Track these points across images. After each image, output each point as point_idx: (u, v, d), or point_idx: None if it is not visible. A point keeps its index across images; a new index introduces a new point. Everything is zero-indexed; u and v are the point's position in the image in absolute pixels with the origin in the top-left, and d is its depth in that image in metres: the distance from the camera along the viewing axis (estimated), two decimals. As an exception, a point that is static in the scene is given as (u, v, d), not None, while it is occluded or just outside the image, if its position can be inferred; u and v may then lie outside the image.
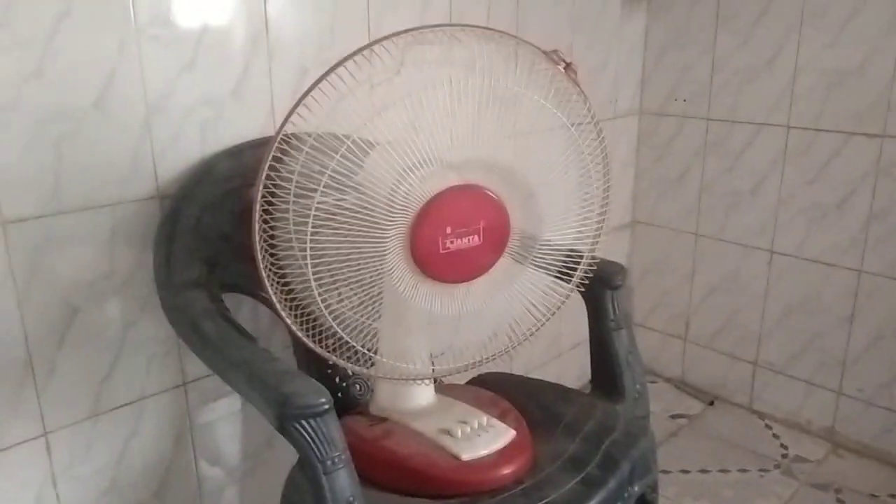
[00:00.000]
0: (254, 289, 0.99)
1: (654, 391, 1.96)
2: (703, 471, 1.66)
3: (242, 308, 1.13)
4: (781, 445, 1.76)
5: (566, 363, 1.88)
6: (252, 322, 1.16)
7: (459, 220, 0.88)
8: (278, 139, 0.79)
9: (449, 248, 0.88)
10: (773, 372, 1.84)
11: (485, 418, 0.99)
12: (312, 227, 0.81)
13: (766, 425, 1.84)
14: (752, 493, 1.59)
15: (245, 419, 1.21)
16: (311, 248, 0.82)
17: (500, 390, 1.10)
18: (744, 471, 1.66)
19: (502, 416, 1.01)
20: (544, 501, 0.90)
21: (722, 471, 1.66)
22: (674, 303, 2.01)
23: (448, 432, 0.96)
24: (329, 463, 0.77)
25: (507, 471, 0.93)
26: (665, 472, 1.64)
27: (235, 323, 0.94)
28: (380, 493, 0.91)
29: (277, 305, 0.85)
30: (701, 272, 1.93)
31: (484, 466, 0.93)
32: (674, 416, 1.89)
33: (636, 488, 1.00)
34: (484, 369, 1.07)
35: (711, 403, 1.93)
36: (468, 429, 0.97)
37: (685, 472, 1.66)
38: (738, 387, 1.91)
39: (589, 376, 1.15)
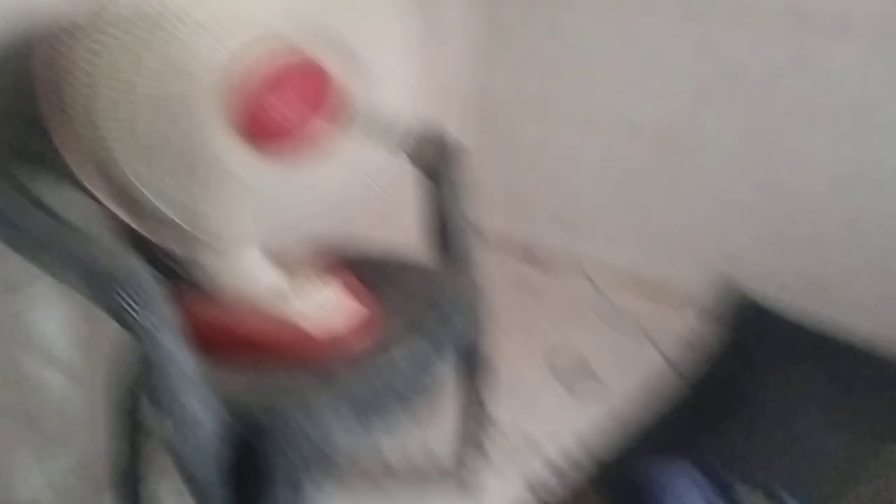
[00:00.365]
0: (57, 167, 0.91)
1: (490, 258, 2.05)
2: (536, 327, 1.80)
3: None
4: (596, 289, 1.94)
5: (402, 232, 1.92)
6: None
7: (283, 85, 0.84)
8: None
9: (271, 113, 0.85)
10: (589, 223, 1.99)
11: (327, 289, 1.01)
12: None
13: (585, 274, 2.00)
14: (569, 334, 1.75)
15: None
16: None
17: (342, 262, 1.12)
18: (564, 318, 1.82)
19: (345, 287, 1.03)
20: (390, 363, 0.95)
21: (547, 321, 1.81)
22: (515, 174, 2.08)
23: (290, 305, 0.97)
24: (156, 331, 0.75)
25: (352, 339, 0.97)
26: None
27: (36, 199, 0.87)
28: (224, 370, 0.91)
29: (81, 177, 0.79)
30: (543, 144, 2.00)
31: (328, 336, 0.96)
32: (512, 281, 2.00)
33: (466, 336, 1.10)
34: (323, 241, 1.07)
35: (542, 265, 2.06)
36: (311, 301, 0.98)
37: (522, 329, 1.79)
38: (568, 247, 2.05)
39: (426, 243, 1.19)
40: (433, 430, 1.43)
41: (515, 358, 1.66)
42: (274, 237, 1.01)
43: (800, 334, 1.67)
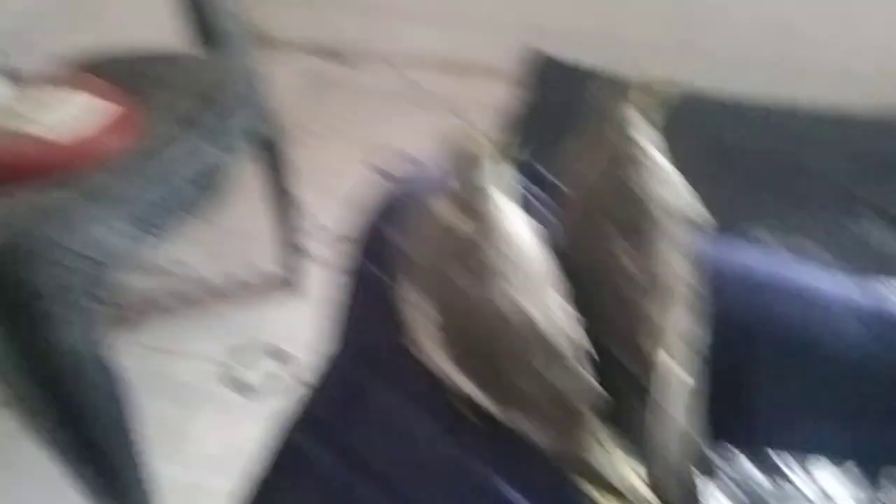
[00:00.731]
0: None
1: (287, 60, 1.92)
2: (345, 121, 1.74)
3: None
4: (409, 81, 1.88)
5: (157, 22, 1.74)
6: None
7: None
8: None
9: None
10: (392, 16, 1.89)
11: (72, 98, 0.88)
12: None
13: (394, 68, 1.92)
14: (385, 127, 1.71)
15: None
16: None
17: (88, 68, 0.98)
18: (376, 111, 1.77)
19: (96, 93, 0.91)
20: (161, 163, 0.87)
21: (357, 114, 1.76)
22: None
23: (26, 120, 0.84)
24: None
25: (107, 140, 0.87)
26: (304, 128, 1.67)
27: None
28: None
29: None
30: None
31: (78, 142, 0.85)
32: (311, 80, 1.89)
33: (245, 120, 1.03)
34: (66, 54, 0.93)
35: (343, 60, 1.96)
36: (53, 113, 0.86)
37: (324, 123, 1.72)
38: (371, 39, 1.95)
39: (186, 32, 1.07)
40: (249, 238, 1.38)
41: (330, 157, 1.60)
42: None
43: (592, 80, 1.71)
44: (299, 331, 1.21)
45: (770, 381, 0.47)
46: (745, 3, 1.63)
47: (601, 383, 0.47)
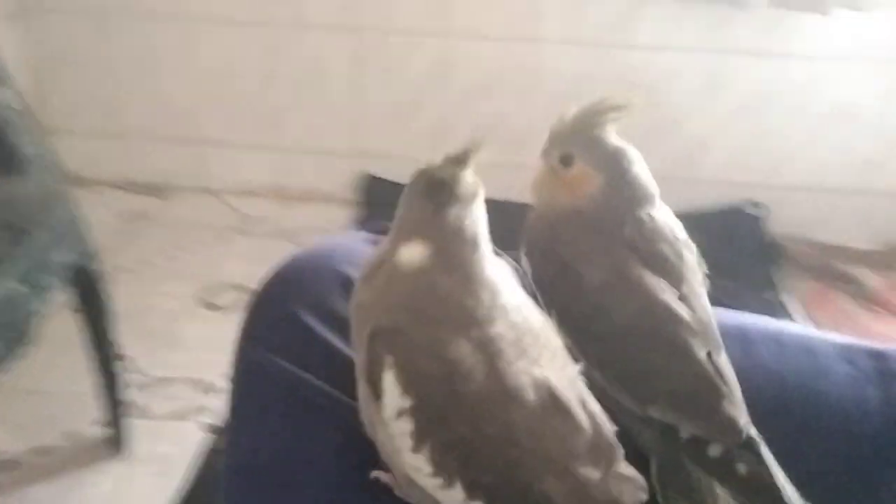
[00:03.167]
0: None
1: (99, 199, 1.78)
2: (166, 257, 1.62)
3: None
4: (237, 212, 1.81)
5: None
6: None
7: None
8: None
9: None
10: (214, 146, 1.83)
11: None
12: None
13: (220, 200, 1.85)
14: (217, 261, 1.61)
15: None
16: None
17: None
18: (205, 245, 1.67)
19: None
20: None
21: (184, 251, 1.65)
22: (98, 96, 1.79)
23: None
24: None
25: None
26: (127, 270, 1.53)
27: None
28: None
29: None
30: (118, 56, 1.74)
31: None
32: (127, 217, 1.76)
33: (63, 258, 0.91)
34: None
35: (163, 196, 1.85)
36: None
37: (148, 263, 1.59)
38: (186, 170, 1.86)
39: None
40: (63, 398, 1.21)
41: (153, 297, 1.47)
42: None
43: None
44: (132, 500, 1.05)
45: (768, 439, 0.41)
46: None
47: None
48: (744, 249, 1.71)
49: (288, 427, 0.43)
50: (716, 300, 1.43)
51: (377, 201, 1.80)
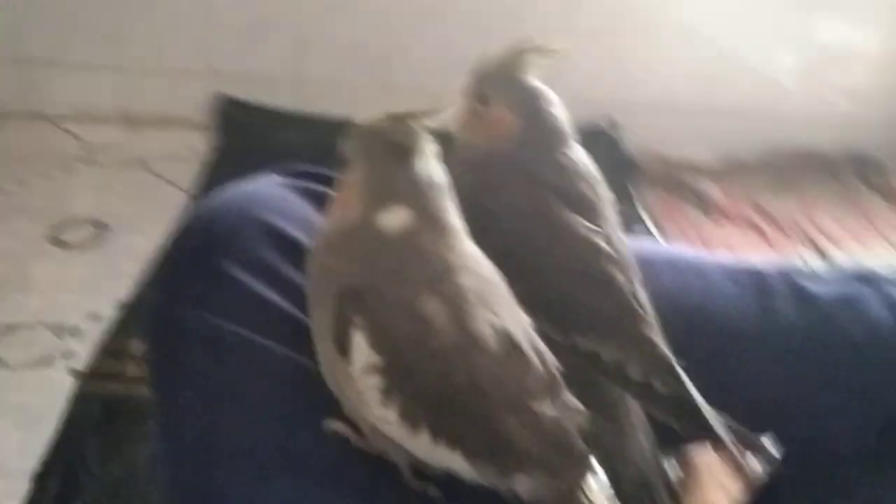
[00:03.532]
0: None
1: None
2: (10, 194, 1.46)
3: None
4: (78, 140, 1.65)
5: None
6: None
7: None
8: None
9: None
10: (45, 65, 1.64)
11: None
12: None
13: (58, 126, 1.67)
14: (63, 194, 1.47)
15: None
16: None
17: None
18: (48, 177, 1.52)
19: None
20: None
21: (23, 185, 1.48)
22: None
23: None
24: None
25: None
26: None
27: None
28: None
29: None
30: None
31: None
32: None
33: None
34: None
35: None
36: None
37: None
38: (14, 94, 1.66)
39: None
40: None
41: (1, 238, 1.33)
42: None
43: (276, 118, 1.72)
44: None
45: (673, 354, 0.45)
46: (432, 39, 1.72)
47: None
48: (601, 165, 1.79)
49: (230, 391, 0.41)
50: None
51: (235, 125, 1.70)
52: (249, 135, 1.66)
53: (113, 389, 1.07)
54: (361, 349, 0.35)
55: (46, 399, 1.05)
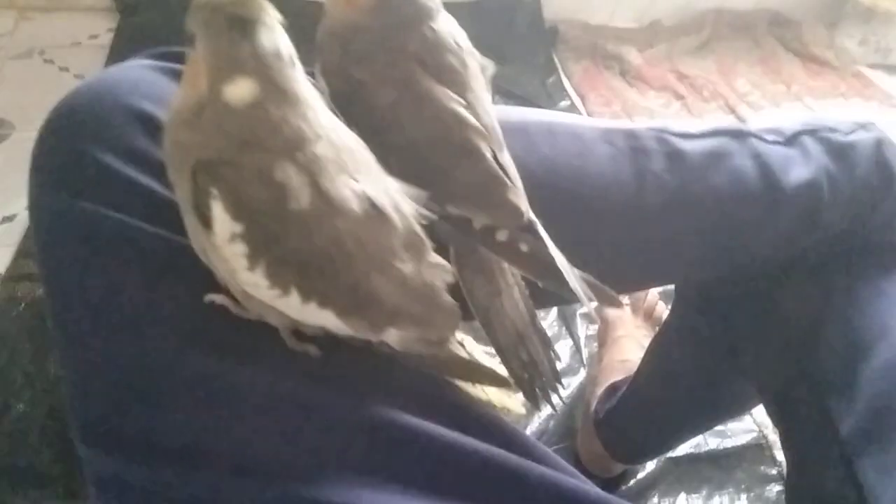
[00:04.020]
0: None
1: None
2: None
3: None
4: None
5: None
6: None
7: None
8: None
9: None
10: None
11: None
12: None
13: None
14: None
15: None
16: None
17: None
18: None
19: None
20: None
21: None
22: None
23: None
24: None
25: None
26: None
27: None
28: None
29: None
30: None
31: None
32: None
33: None
34: None
35: None
36: None
37: None
38: None
39: None
40: None
41: None
42: None
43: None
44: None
45: (552, 228, 0.46)
46: None
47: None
48: (523, 36, 1.77)
49: (109, 272, 0.41)
50: (499, 88, 1.50)
51: (131, 3, 1.61)
52: (152, 15, 1.56)
53: (38, 290, 1.06)
54: (222, 219, 0.36)
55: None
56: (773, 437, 1.04)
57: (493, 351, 0.48)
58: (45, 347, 0.98)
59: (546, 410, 1.02)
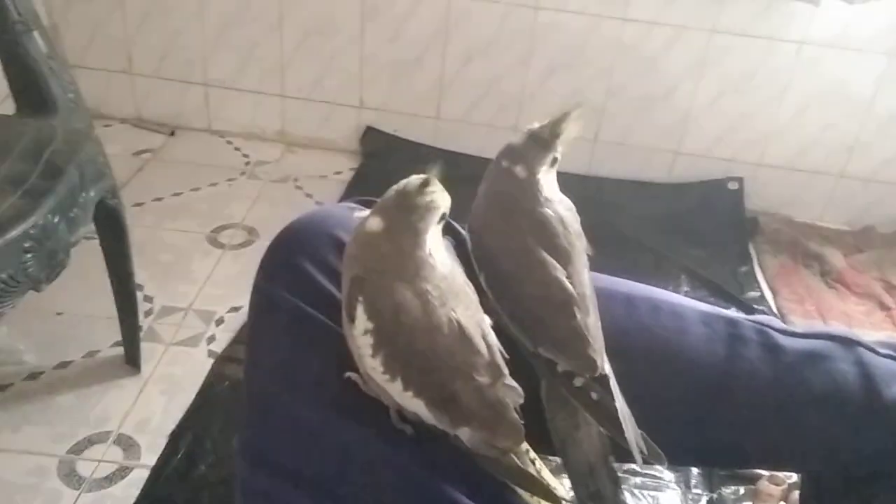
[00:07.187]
0: None
1: (110, 133, 1.86)
2: (176, 194, 1.69)
3: None
4: (243, 155, 1.88)
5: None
6: None
7: None
8: None
9: None
10: (222, 89, 1.89)
11: None
12: None
13: (227, 141, 1.92)
14: (224, 200, 1.70)
15: None
16: None
17: None
18: (213, 185, 1.75)
19: None
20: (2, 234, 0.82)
21: (193, 189, 1.72)
22: (109, 34, 1.84)
23: None
24: None
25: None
26: (138, 204, 1.62)
27: None
28: None
29: None
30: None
31: None
32: (137, 153, 1.83)
33: (91, 193, 0.99)
34: None
35: (172, 134, 1.92)
36: None
37: (158, 199, 1.67)
38: (195, 111, 1.93)
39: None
40: (84, 321, 1.30)
41: (166, 232, 1.56)
42: None
43: (413, 150, 1.90)
44: (143, 414, 1.16)
45: (641, 389, 0.53)
46: (562, 87, 1.82)
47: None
48: (721, 222, 1.81)
49: (292, 344, 0.56)
50: (687, 268, 1.51)
51: (373, 151, 1.89)
52: (388, 162, 1.83)
53: (241, 372, 1.24)
54: (361, 318, 0.49)
55: (188, 373, 1.24)
56: None
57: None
58: (233, 424, 1.14)
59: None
